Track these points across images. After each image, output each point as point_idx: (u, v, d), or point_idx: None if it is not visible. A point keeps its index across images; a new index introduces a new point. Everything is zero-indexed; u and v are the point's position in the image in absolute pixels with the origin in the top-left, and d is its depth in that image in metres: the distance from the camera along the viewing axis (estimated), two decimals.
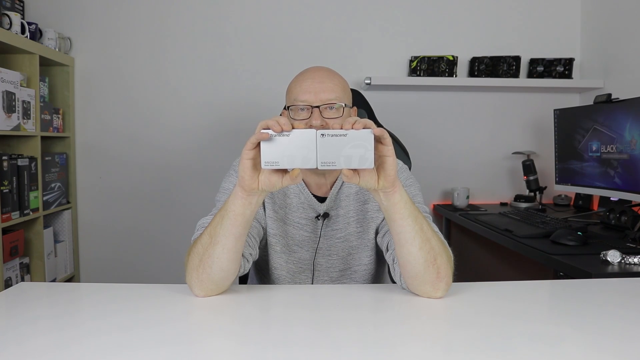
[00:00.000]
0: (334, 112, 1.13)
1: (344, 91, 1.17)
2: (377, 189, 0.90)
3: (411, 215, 0.93)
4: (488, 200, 2.64)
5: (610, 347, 0.78)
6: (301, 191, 1.22)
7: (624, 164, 1.86)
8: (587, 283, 1.19)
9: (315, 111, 1.12)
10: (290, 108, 1.15)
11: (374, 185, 0.89)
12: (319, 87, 1.13)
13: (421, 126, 2.61)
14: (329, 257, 1.22)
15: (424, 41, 2.58)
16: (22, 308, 0.96)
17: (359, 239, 1.22)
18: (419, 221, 0.94)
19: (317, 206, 1.21)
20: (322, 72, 1.17)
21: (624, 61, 2.29)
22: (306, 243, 1.22)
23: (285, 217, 1.21)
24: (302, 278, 1.23)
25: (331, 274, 1.23)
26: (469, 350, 0.78)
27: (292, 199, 1.22)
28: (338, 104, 1.13)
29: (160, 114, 2.55)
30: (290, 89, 1.18)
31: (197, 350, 0.77)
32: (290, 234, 1.21)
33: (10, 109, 1.98)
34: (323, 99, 1.12)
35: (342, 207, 1.22)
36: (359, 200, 1.23)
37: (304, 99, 1.12)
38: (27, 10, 2.41)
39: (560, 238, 1.58)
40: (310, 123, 1.11)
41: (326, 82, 1.14)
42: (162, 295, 1.04)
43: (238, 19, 2.54)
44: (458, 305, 0.97)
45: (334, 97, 1.13)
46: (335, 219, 1.22)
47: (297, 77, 1.18)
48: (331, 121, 1.11)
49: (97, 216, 2.57)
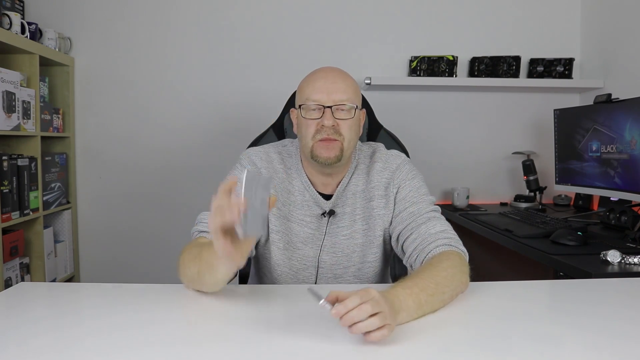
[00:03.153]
0: (345, 113, 1.14)
1: (356, 93, 1.18)
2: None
3: (427, 310, 0.91)
4: (488, 200, 2.64)
5: (610, 347, 0.78)
6: (306, 189, 1.22)
7: (624, 164, 1.86)
8: (587, 283, 1.19)
9: (327, 111, 1.12)
10: (301, 107, 1.16)
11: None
12: (331, 87, 1.13)
13: (421, 126, 2.61)
14: (334, 254, 1.22)
15: (424, 41, 2.57)
16: (22, 308, 0.96)
17: (365, 237, 1.23)
18: (434, 304, 0.92)
19: (322, 203, 1.22)
20: (335, 73, 1.17)
21: (624, 61, 2.29)
22: (310, 240, 1.22)
23: (288, 214, 1.22)
24: (306, 275, 1.23)
25: (335, 271, 1.23)
26: (469, 350, 0.78)
27: (296, 197, 1.22)
28: (349, 105, 1.14)
29: (161, 114, 2.55)
30: (302, 87, 1.18)
31: (197, 350, 0.77)
32: (294, 231, 1.21)
33: (10, 109, 1.98)
34: (335, 100, 1.13)
35: (348, 204, 1.22)
36: (365, 197, 1.23)
37: (316, 99, 1.13)
38: (27, 10, 2.41)
39: (560, 238, 1.58)
40: (322, 123, 1.12)
41: (339, 83, 1.15)
42: (162, 295, 1.04)
43: (238, 19, 2.54)
44: (458, 305, 0.97)
45: (346, 98, 1.14)
46: (342, 217, 1.22)
47: (309, 76, 1.18)
48: (341, 122, 1.13)
49: (97, 216, 2.57)
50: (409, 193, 1.20)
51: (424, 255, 1.09)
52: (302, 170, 1.23)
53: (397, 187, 1.22)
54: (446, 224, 1.15)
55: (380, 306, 0.77)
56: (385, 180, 1.22)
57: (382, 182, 1.22)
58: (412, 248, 1.13)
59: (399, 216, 1.19)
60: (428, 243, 1.10)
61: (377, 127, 1.57)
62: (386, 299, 0.81)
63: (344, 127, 1.14)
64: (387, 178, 1.22)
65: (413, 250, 1.12)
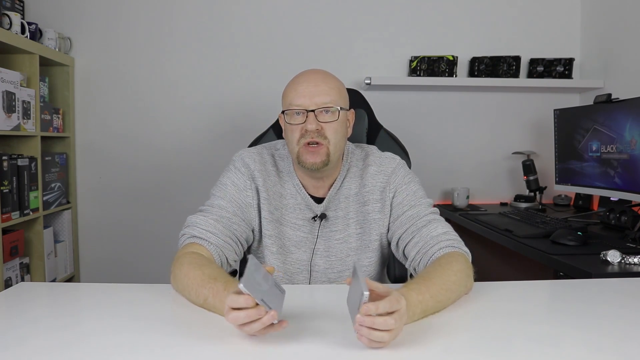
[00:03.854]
0: (330, 116, 1.13)
1: (340, 94, 1.16)
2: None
3: (429, 314, 0.91)
4: (488, 200, 2.64)
5: (610, 347, 0.78)
6: (298, 192, 1.21)
7: (624, 164, 1.86)
8: (587, 283, 1.19)
9: (310, 115, 1.12)
10: (285, 112, 1.16)
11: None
12: (314, 90, 1.12)
13: (421, 126, 2.61)
14: (328, 258, 1.22)
15: (424, 41, 2.57)
16: (22, 308, 0.96)
17: (359, 241, 1.22)
18: (438, 309, 0.92)
19: (314, 207, 1.21)
20: (317, 75, 1.16)
21: (624, 61, 2.29)
22: (303, 244, 1.21)
23: (281, 217, 1.21)
24: (300, 279, 1.22)
25: (329, 275, 1.22)
26: (469, 350, 0.78)
27: (288, 200, 1.22)
28: (334, 108, 1.13)
29: (161, 114, 2.55)
30: (285, 93, 1.18)
31: (197, 350, 0.77)
32: (287, 235, 1.21)
33: (10, 109, 1.98)
34: (318, 103, 1.12)
35: (341, 208, 1.22)
36: (358, 201, 1.22)
37: (299, 103, 1.12)
38: (27, 10, 2.41)
39: (560, 238, 1.58)
40: (306, 127, 1.11)
41: (321, 86, 1.13)
42: (162, 295, 1.04)
43: (238, 19, 2.53)
44: (458, 305, 0.97)
45: (329, 100, 1.13)
46: (334, 220, 1.21)
47: (292, 81, 1.18)
48: (326, 126, 1.12)
49: (97, 216, 2.57)
50: (406, 197, 1.20)
51: (428, 258, 1.08)
52: (293, 173, 1.22)
53: (393, 191, 1.21)
54: (447, 226, 1.15)
55: (401, 322, 0.76)
56: (381, 184, 1.21)
57: (377, 185, 1.21)
58: (415, 252, 1.12)
59: (398, 220, 1.19)
60: (431, 246, 1.09)
61: (377, 127, 1.57)
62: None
63: (329, 130, 1.13)
64: (382, 182, 1.21)
65: (416, 254, 1.12)
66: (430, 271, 0.99)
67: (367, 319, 0.73)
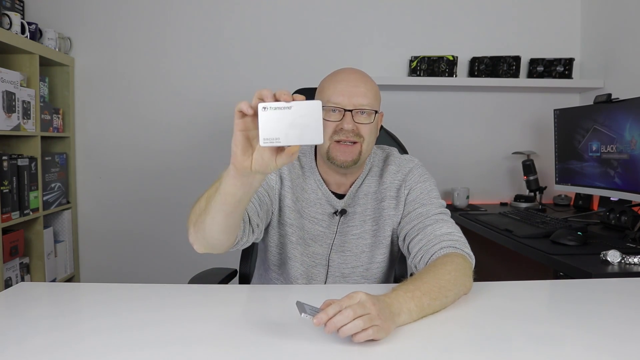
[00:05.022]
0: (365, 117, 1.14)
1: (376, 97, 1.18)
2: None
3: (429, 313, 0.90)
4: (488, 200, 2.64)
5: (610, 347, 0.78)
6: (319, 187, 1.23)
7: (624, 164, 1.86)
8: (587, 283, 1.19)
9: (347, 115, 1.12)
10: (322, 107, 1.16)
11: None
12: (353, 90, 1.13)
13: (421, 126, 2.61)
14: (342, 253, 1.23)
15: (424, 41, 2.57)
16: (22, 308, 0.96)
17: (374, 237, 1.24)
18: (436, 307, 0.92)
19: (335, 202, 1.22)
20: (357, 76, 1.17)
21: (624, 61, 2.29)
22: (320, 238, 1.23)
23: (302, 210, 1.22)
24: (316, 273, 1.24)
25: (343, 270, 1.24)
26: (469, 350, 0.78)
27: (309, 194, 1.23)
28: (370, 110, 1.14)
29: (160, 114, 2.55)
30: (323, 88, 1.18)
31: (196, 351, 0.77)
32: (307, 228, 1.23)
33: (10, 109, 1.98)
34: (356, 104, 1.13)
35: (359, 204, 1.23)
36: (376, 198, 1.24)
37: (337, 102, 1.13)
38: (27, 10, 2.41)
39: (560, 238, 1.58)
40: (342, 126, 1.12)
41: (360, 87, 1.14)
42: (162, 295, 1.04)
43: (238, 19, 2.54)
44: (458, 305, 0.97)
45: (367, 102, 1.14)
46: (352, 216, 1.23)
47: (331, 77, 1.18)
48: (361, 126, 1.13)
49: (97, 216, 2.57)
50: (419, 195, 1.21)
51: (429, 256, 1.09)
52: (315, 169, 1.24)
53: (408, 188, 1.23)
54: (454, 227, 1.15)
55: (366, 308, 0.77)
56: (398, 182, 1.24)
57: (395, 183, 1.24)
58: (417, 248, 1.13)
59: (408, 216, 1.20)
60: (433, 244, 1.10)
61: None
62: (381, 301, 0.81)
63: (364, 130, 1.14)
64: (399, 180, 1.24)
65: (418, 251, 1.12)
66: (422, 272, 0.99)
67: (328, 325, 0.75)
